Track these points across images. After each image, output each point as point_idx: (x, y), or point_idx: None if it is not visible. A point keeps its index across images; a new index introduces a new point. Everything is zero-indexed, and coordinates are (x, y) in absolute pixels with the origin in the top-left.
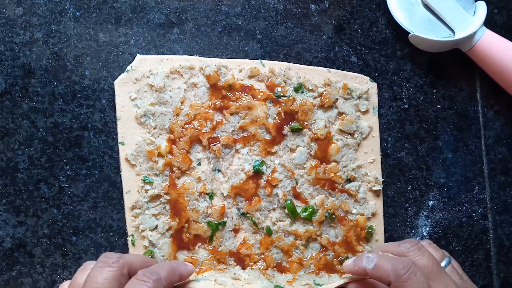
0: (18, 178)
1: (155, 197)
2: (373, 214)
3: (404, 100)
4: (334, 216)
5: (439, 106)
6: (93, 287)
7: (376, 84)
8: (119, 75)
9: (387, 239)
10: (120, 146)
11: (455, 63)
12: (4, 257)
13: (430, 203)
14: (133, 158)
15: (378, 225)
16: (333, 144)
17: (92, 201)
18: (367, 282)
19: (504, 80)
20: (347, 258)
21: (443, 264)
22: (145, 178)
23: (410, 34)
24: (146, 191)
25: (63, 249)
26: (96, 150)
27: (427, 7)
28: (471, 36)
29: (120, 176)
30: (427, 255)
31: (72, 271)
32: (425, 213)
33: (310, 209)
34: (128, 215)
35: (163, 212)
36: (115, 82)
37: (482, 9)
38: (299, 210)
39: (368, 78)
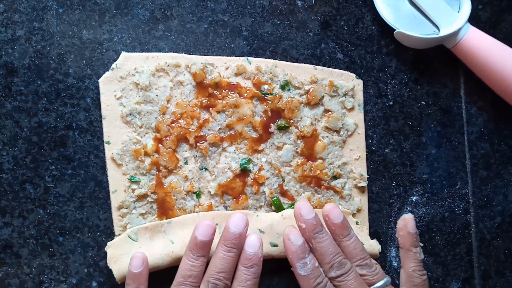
0: (3, 179)
1: (142, 197)
2: (358, 210)
3: (389, 96)
4: None
5: (423, 103)
6: None
7: (361, 81)
8: (104, 73)
9: (371, 234)
10: (106, 145)
11: (439, 60)
12: None
13: (414, 198)
14: (119, 158)
15: (363, 221)
16: (319, 142)
17: (78, 201)
18: None
19: (488, 77)
20: None
21: (379, 284)
22: (132, 178)
23: (395, 31)
24: (133, 190)
25: (50, 250)
26: (81, 149)
27: (413, 3)
28: (455, 33)
29: (107, 176)
30: (357, 282)
31: (60, 271)
32: (408, 208)
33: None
34: (115, 214)
35: (150, 212)
36: (100, 80)
37: (466, 6)
38: (285, 207)
39: (354, 75)
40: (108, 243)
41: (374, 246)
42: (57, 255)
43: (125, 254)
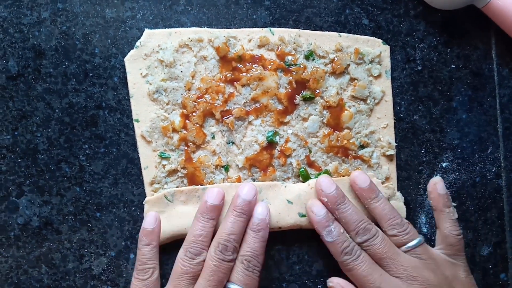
0: (39, 159)
1: (172, 172)
2: (387, 179)
3: (418, 61)
4: None
5: (453, 66)
6: (221, 276)
7: (388, 46)
8: (129, 51)
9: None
10: (135, 123)
11: (469, 21)
12: (33, 235)
13: (444, 164)
14: (149, 135)
15: (392, 189)
16: (345, 111)
17: (112, 178)
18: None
19: None
20: None
21: (412, 244)
22: (162, 154)
23: None
24: (164, 166)
25: (88, 225)
26: (112, 128)
27: None
28: None
29: (138, 153)
30: (384, 244)
31: (99, 245)
32: (438, 174)
33: (324, 173)
34: (148, 189)
35: (181, 186)
36: (125, 59)
37: None
38: (312, 177)
39: (380, 40)
40: (146, 199)
41: (400, 210)
42: (95, 229)
43: (159, 212)
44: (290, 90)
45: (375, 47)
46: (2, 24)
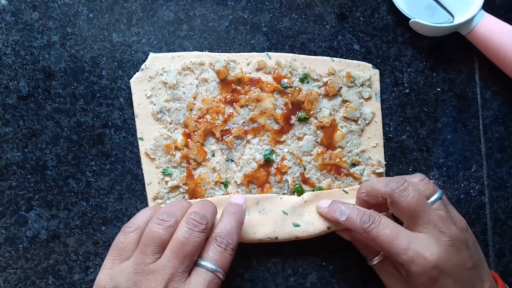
0: (48, 175)
1: (174, 188)
2: None
3: (405, 84)
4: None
5: (439, 89)
6: (188, 250)
7: (378, 70)
8: (134, 73)
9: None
10: (139, 141)
11: (454, 47)
12: (41, 248)
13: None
14: (152, 152)
15: None
16: (338, 131)
17: (117, 193)
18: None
19: (502, 62)
20: None
21: (432, 199)
22: (165, 171)
23: (410, 21)
24: (166, 182)
25: (94, 238)
26: (117, 146)
27: None
28: (470, 20)
29: (141, 170)
30: (412, 196)
31: (104, 257)
32: None
33: (317, 190)
34: (151, 204)
35: None
36: (131, 80)
37: None
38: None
39: (370, 65)
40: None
41: None
42: (101, 242)
43: None
44: (286, 111)
45: (366, 71)
46: (14, 47)
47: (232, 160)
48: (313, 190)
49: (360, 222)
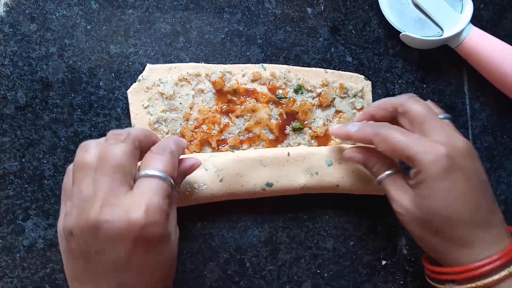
0: (45, 185)
1: None
2: None
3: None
4: None
5: (429, 100)
6: (113, 162)
7: (370, 82)
8: (131, 84)
9: (376, 231)
10: None
11: (443, 59)
12: (38, 257)
13: None
14: None
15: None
16: (331, 141)
17: None
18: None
19: (490, 74)
20: None
21: (441, 116)
22: None
23: (401, 34)
24: None
25: None
26: None
27: (417, 6)
28: (458, 34)
29: None
30: (423, 104)
31: None
32: None
33: None
34: None
35: None
36: (128, 91)
37: (468, 7)
38: None
39: (362, 76)
40: None
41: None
42: None
43: None
44: (280, 121)
45: (358, 83)
46: (12, 58)
47: None
48: None
49: (372, 128)
